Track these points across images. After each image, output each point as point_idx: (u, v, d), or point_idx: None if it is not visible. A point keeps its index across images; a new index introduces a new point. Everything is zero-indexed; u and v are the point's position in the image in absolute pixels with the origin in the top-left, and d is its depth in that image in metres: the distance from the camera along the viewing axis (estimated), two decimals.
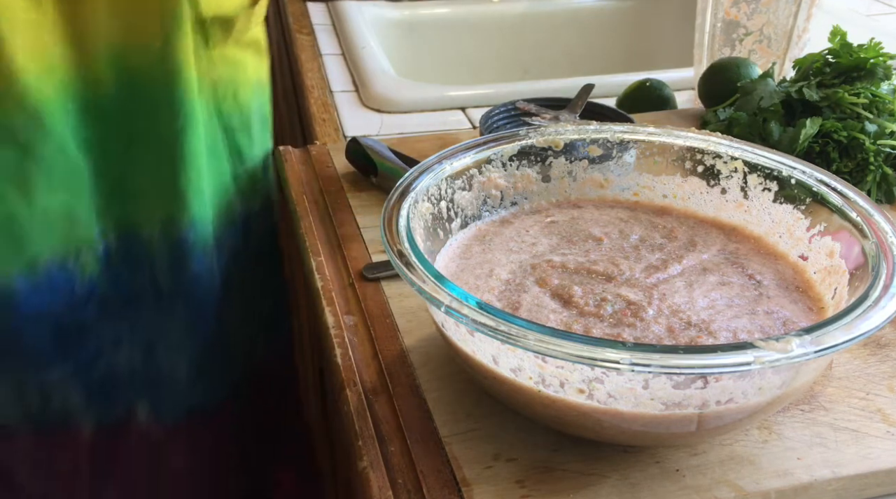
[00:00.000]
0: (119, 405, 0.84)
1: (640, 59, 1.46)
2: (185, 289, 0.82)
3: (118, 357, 0.82)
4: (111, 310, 0.80)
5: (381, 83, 1.05)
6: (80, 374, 0.81)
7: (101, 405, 0.83)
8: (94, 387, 0.81)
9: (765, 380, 0.46)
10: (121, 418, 0.84)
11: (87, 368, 0.81)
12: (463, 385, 0.56)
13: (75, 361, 0.80)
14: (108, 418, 0.84)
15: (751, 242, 0.61)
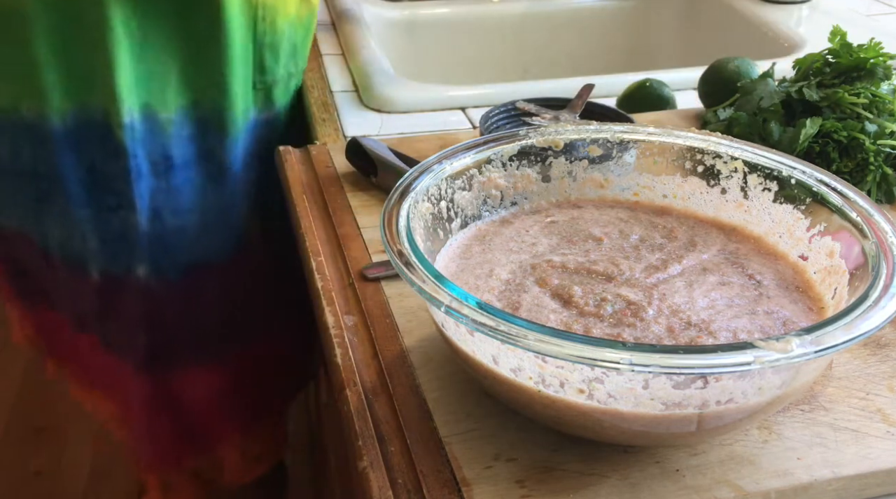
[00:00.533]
0: (122, 260, 0.94)
1: (640, 59, 1.46)
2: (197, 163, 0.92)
3: (131, 216, 0.91)
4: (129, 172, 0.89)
5: (381, 83, 1.05)
6: (100, 221, 0.92)
7: (108, 256, 0.93)
8: (107, 237, 0.92)
9: (765, 380, 0.46)
10: (122, 272, 0.94)
11: (106, 218, 0.92)
12: (463, 385, 0.56)
13: (97, 208, 0.91)
14: (113, 268, 0.94)
15: (751, 242, 0.61)
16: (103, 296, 0.96)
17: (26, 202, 0.93)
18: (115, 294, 0.96)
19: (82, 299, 0.98)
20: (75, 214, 0.92)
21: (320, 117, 1.00)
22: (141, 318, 0.98)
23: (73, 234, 0.93)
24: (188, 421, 1.07)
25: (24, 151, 0.89)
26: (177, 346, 1.01)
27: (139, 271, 0.95)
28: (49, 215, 0.93)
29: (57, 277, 0.97)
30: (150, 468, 1.09)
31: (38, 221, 0.94)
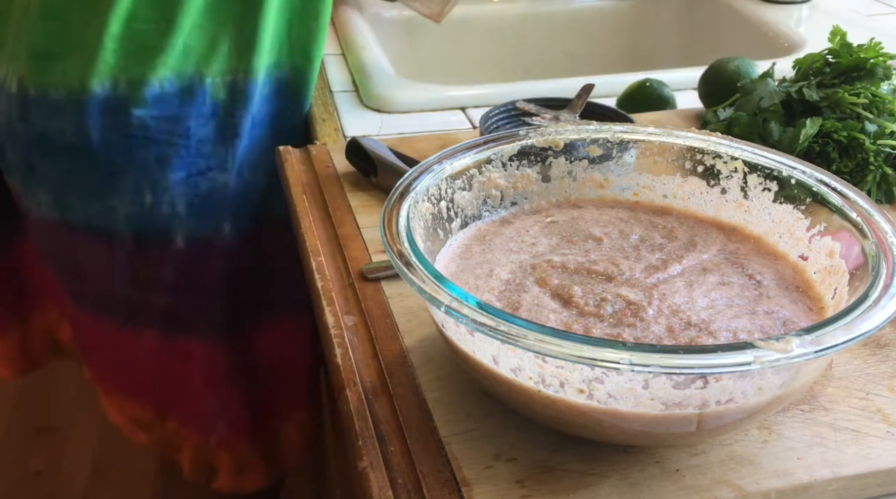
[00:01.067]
0: (209, 223, 0.97)
1: (640, 59, 1.46)
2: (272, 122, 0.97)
3: (220, 176, 0.95)
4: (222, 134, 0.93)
5: (381, 83, 1.05)
6: (189, 185, 0.94)
7: (196, 220, 0.96)
8: (195, 201, 0.95)
9: (765, 380, 0.46)
10: (209, 233, 0.97)
11: (196, 182, 0.94)
12: (463, 385, 0.56)
13: (188, 172, 0.93)
14: (199, 233, 0.97)
15: (751, 242, 0.61)
16: (183, 265, 0.98)
17: (86, 182, 0.93)
18: (197, 260, 0.98)
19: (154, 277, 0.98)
20: (163, 181, 0.93)
21: (320, 117, 1.00)
22: (222, 280, 1.00)
23: (156, 203, 0.94)
24: (260, 391, 1.07)
25: (94, 125, 0.90)
26: (250, 306, 1.03)
27: (225, 228, 0.97)
28: (119, 192, 0.93)
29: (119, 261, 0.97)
30: (222, 445, 1.08)
31: (102, 200, 0.94)
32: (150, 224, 0.95)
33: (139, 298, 1.00)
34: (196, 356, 1.03)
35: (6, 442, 1.89)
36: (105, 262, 0.98)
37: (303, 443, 1.13)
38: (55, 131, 0.91)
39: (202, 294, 1.00)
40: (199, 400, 1.06)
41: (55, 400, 2.01)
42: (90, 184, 0.93)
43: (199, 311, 1.01)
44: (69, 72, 0.89)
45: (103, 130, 0.90)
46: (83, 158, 0.92)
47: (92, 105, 0.89)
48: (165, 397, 1.07)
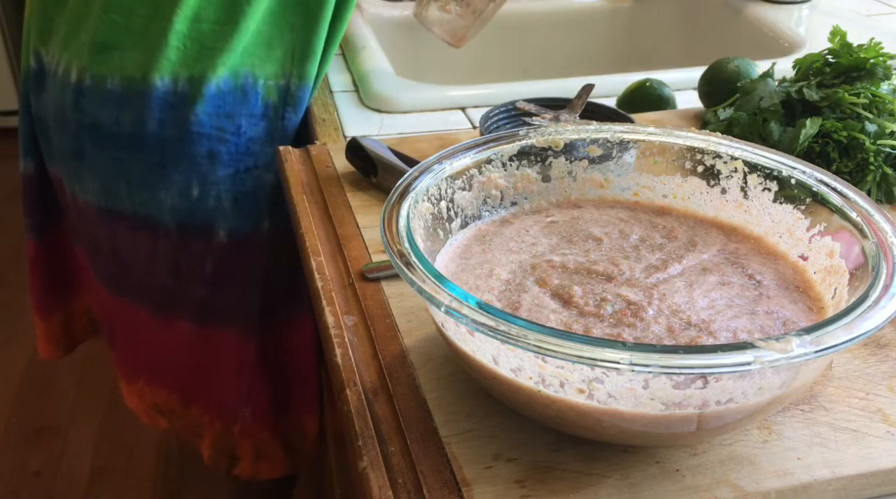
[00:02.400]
0: (251, 218, 0.99)
1: (640, 59, 1.46)
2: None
3: (265, 175, 0.98)
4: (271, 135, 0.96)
5: (381, 83, 1.05)
6: (235, 182, 0.96)
7: (239, 215, 0.99)
8: (239, 197, 0.97)
9: (765, 380, 0.46)
10: (249, 230, 1.00)
11: (242, 179, 0.97)
12: (463, 385, 0.56)
13: (237, 166, 0.96)
14: (241, 227, 0.99)
15: (751, 242, 0.61)
16: (223, 258, 1.01)
17: (138, 172, 0.96)
18: (237, 253, 1.01)
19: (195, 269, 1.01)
20: (212, 176, 0.96)
21: (320, 117, 1.00)
22: (258, 275, 1.03)
23: (202, 197, 0.97)
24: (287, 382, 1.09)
25: (150, 117, 0.93)
26: (284, 300, 1.06)
27: (265, 225, 1.00)
28: (168, 184, 0.96)
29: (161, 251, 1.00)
30: (245, 433, 1.10)
31: (151, 191, 0.97)
32: (194, 217, 0.98)
33: (176, 288, 1.03)
34: (227, 346, 1.06)
35: (6, 442, 1.89)
36: (146, 251, 1.01)
37: (318, 434, 1.15)
38: (110, 121, 0.94)
39: (239, 286, 1.03)
40: (226, 388, 1.09)
41: (55, 400, 2.01)
42: (140, 174, 0.96)
43: (234, 302, 1.04)
44: (129, 64, 0.92)
45: (161, 123, 0.93)
46: (136, 148, 0.95)
47: (152, 98, 0.92)
48: (192, 384, 1.10)
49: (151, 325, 1.07)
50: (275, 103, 0.95)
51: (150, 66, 0.91)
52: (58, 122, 0.98)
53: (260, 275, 1.03)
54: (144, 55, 0.91)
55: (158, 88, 0.91)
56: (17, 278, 2.41)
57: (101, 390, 2.02)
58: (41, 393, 2.02)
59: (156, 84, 0.91)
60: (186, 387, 1.11)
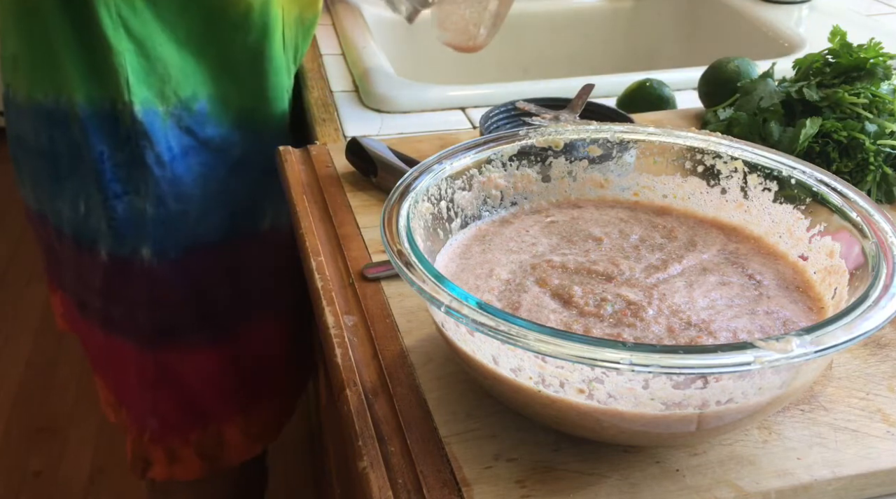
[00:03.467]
0: (128, 242, 0.99)
1: (640, 59, 1.46)
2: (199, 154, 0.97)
3: (137, 201, 0.97)
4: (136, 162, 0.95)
5: (381, 83, 1.05)
6: (108, 206, 0.96)
7: (116, 237, 0.98)
8: (114, 221, 0.97)
9: (765, 380, 0.46)
10: (128, 253, 0.99)
11: (113, 204, 0.96)
12: (463, 385, 0.56)
13: (106, 193, 0.96)
14: (120, 250, 0.99)
15: (751, 242, 0.61)
16: (109, 276, 1.01)
17: (45, 181, 0.99)
18: (120, 274, 1.00)
19: (90, 279, 1.02)
20: (91, 197, 0.96)
21: (320, 117, 1.00)
22: (145, 297, 1.02)
23: (87, 214, 0.98)
24: (191, 398, 1.10)
25: (43, 133, 0.95)
26: (179, 325, 1.05)
27: (143, 253, 0.99)
28: (63, 196, 0.98)
29: (68, 257, 1.02)
30: (154, 440, 1.12)
31: (53, 201, 0.99)
32: (81, 232, 0.99)
33: (83, 294, 1.05)
34: (128, 358, 1.07)
35: (6, 442, 1.89)
36: (61, 256, 1.04)
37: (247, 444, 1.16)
38: (24, 132, 0.98)
39: (128, 305, 1.03)
40: (134, 397, 1.10)
41: (55, 400, 2.01)
42: (48, 184, 0.99)
43: (126, 317, 1.04)
44: (28, 80, 0.95)
45: (51, 139, 0.95)
46: (41, 159, 0.98)
47: (38, 115, 0.95)
48: (114, 387, 1.13)
49: (81, 325, 1.09)
50: (133, 129, 0.93)
51: (34, 85, 0.94)
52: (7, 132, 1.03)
53: (147, 297, 1.03)
54: (35, 73, 0.94)
55: (43, 105, 0.94)
56: (17, 278, 2.41)
57: None
58: (41, 393, 2.02)
59: (39, 100, 0.94)
60: (113, 388, 1.13)
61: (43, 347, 2.16)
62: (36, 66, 0.93)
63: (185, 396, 1.09)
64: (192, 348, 1.07)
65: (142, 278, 1.00)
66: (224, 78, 0.95)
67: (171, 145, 0.95)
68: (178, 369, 1.07)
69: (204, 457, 1.14)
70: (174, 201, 0.97)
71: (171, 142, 0.95)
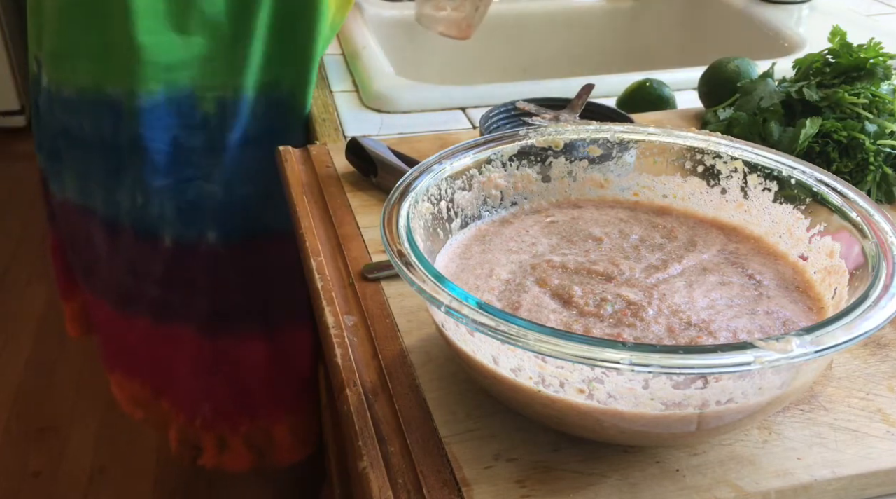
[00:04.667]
0: (195, 227, 1.01)
1: (640, 59, 1.46)
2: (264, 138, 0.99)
3: (206, 186, 0.99)
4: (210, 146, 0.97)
5: (381, 83, 1.05)
6: (176, 191, 0.98)
7: (182, 224, 1.00)
8: (183, 206, 0.99)
9: (765, 380, 0.46)
10: (194, 239, 1.02)
11: (183, 189, 0.98)
12: (463, 385, 0.56)
13: (176, 178, 0.98)
14: (186, 235, 1.01)
15: (751, 242, 0.61)
16: (172, 262, 1.02)
17: (99, 174, 1.00)
18: (183, 260, 1.02)
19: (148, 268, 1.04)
20: (155, 183, 0.98)
21: (320, 117, 1.00)
22: (206, 282, 1.03)
23: (146, 204, 0.99)
24: (243, 386, 1.12)
25: (105, 124, 0.96)
26: (235, 311, 1.07)
27: (209, 237, 1.02)
28: (123, 186, 0.99)
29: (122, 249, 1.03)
30: (206, 426, 1.13)
31: (109, 192, 1.00)
32: (143, 221, 1.00)
33: (134, 286, 1.06)
34: (183, 344, 1.08)
35: (6, 442, 1.89)
36: (110, 249, 1.04)
37: (294, 444, 1.18)
38: (75, 125, 0.98)
39: (189, 290, 1.05)
40: (186, 384, 1.11)
41: (55, 400, 2.01)
42: (103, 176, 1.00)
43: (185, 304, 1.06)
44: (81, 74, 0.95)
45: (114, 130, 0.96)
46: (97, 152, 0.98)
47: (103, 107, 0.95)
48: (157, 377, 1.14)
49: (117, 320, 1.10)
50: (213, 115, 0.96)
51: (100, 77, 0.94)
52: (41, 124, 1.04)
53: (209, 282, 1.05)
54: (94, 65, 0.94)
55: (110, 96, 0.94)
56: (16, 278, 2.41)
57: (101, 390, 2.02)
58: (41, 393, 2.02)
59: (107, 93, 0.94)
60: (153, 379, 1.14)
61: (43, 347, 2.16)
62: (101, 58, 0.93)
63: (238, 383, 1.11)
64: (245, 336, 1.08)
65: (205, 263, 1.03)
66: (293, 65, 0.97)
67: (245, 130, 0.97)
68: (232, 356, 1.09)
69: (253, 450, 1.15)
70: (241, 185, 1.00)
71: (246, 127, 0.97)
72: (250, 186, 1.01)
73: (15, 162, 3.03)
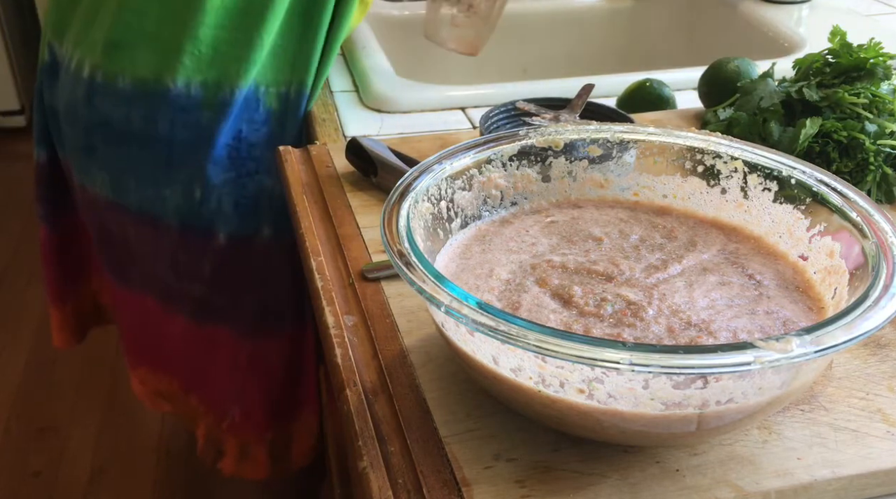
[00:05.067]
0: (252, 223, 1.00)
1: (640, 59, 1.46)
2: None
3: (266, 180, 0.99)
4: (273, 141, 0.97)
5: (381, 83, 1.05)
6: (237, 186, 0.98)
7: (240, 218, 1.00)
8: (241, 201, 0.99)
9: (765, 380, 0.46)
10: (251, 233, 1.01)
11: (244, 183, 0.98)
12: (463, 385, 0.56)
13: (238, 171, 0.97)
14: (241, 231, 1.01)
15: (751, 242, 0.61)
16: (222, 259, 1.02)
17: (147, 169, 0.98)
18: (236, 257, 1.02)
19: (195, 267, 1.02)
20: (214, 179, 0.97)
21: (320, 117, 1.00)
22: (257, 279, 1.04)
23: (203, 199, 0.98)
24: (277, 389, 1.11)
25: (160, 117, 0.94)
26: (276, 310, 1.07)
27: (265, 232, 1.02)
28: (175, 182, 0.97)
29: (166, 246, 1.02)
30: (232, 430, 1.13)
31: (158, 189, 0.98)
32: (196, 217, 0.99)
33: (176, 284, 1.05)
34: (222, 345, 1.07)
35: (6, 442, 1.89)
36: (150, 245, 1.03)
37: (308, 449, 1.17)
38: (120, 118, 0.95)
39: (236, 289, 1.04)
40: (219, 384, 1.11)
41: (55, 400, 2.01)
42: (148, 171, 0.98)
43: (230, 304, 1.05)
44: (140, 64, 0.93)
45: (172, 123, 0.94)
46: (146, 146, 0.96)
47: (165, 100, 0.93)
48: (190, 374, 1.13)
49: (154, 315, 1.09)
50: (276, 110, 0.96)
51: (164, 69, 0.92)
52: (69, 115, 1.00)
53: (258, 280, 1.04)
54: (157, 57, 0.92)
55: (171, 91, 0.93)
56: (16, 278, 2.41)
57: (101, 390, 2.02)
58: (41, 393, 2.02)
59: (168, 86, 0.93)
60: (185, 376, 1.13)
61: (43, 347, 2.16)
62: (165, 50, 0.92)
63: (272, 385, 1.10)
64: (286, 335, 1.08)
65: (257, 259, 1.02)
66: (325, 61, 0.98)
67: (299, 124, 0.98)
68: (268, 356, 1.09)
69: (273, 458, 1.15)
70: None
71: (298, 121, 0.98)
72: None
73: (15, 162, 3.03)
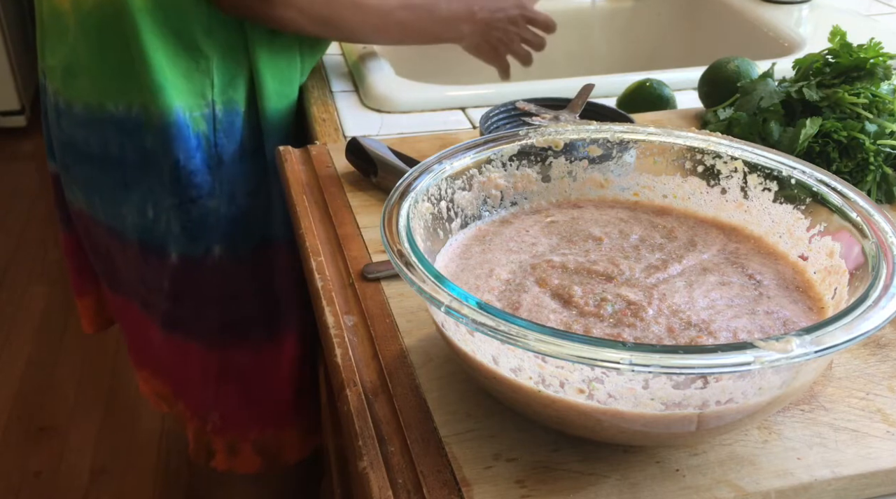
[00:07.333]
0: (201, 242, 1.02)
1: (640, 59, 1.46)
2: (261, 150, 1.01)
3: (210, 202, 1.00)
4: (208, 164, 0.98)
5: (381, 83, 1.05)
6: (182, 210, 0.99)
7: (188, 240, 1.01)
8: (188, 224, 1.00)
9: (765, 380, 0.46)
10: (201, 254, 1.02)
11: (187, 208, 0.99)
12: (463, 385, 0.56)
13: (181, 197, 0.98)
14: (190, 251, 1.02)
15: (751, 242, 0.61)
16: (178, 277, 1.03)
17: (107, 189, 1.01)
18: (191, 274, 1.03)
19: (155, 282, 1.05)
20: (162, 202, 0.99)
21: (320, 117, 1.00)
22: (215, 294, 1.05)
23: (156, 219, 1.00)
24: (252, 394, 1.13)
25: (112, 142, 0.97)
26: (244, 321, 1.08)
27: (216, 251, 1.02)
28: (129, 203, 1.00)
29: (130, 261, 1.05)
30: (216, 432, 1.15)
31: (116, 207, 1.01)
32: (150, 235, 1.01)
33: (147, 296, 1.07)
34: (192, 354, 1.09)
35: (6, 442, 1.89)
36: (121, 258, 1.06)
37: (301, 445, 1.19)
38: (81, 140, 0.99)
39: (196, 304, 1.06)
40: (196, 391, 1.13)
41: (55, 400, 2.01)
42: (108, 190, 1.01)
43: (193, 317, 1.07)
44: (86, 90, 0.96)
45: (121, 146, 0.97)
46: (104, 167, 0.99)
47: (112, 123, 0.96)
48: (175, 380, 1.15)
49: (141, 321, 1.11)
50: (205, 133, 0.97)
51: (102, 95, 0.96)
52: (52, 137, 1.05)
53: (216, 295, 1.05)
54: (100, 83, 0.96)
55: (114, 114, 0.96)
56: (16, 278, 2.41)
57: (101, 390, 2.02)
58: (41, 393, 2.02)
59: (111, 111, 0.96)
60: (172, 381, 1.16)
61: (43, 347, 2.16)
62: (106, 76, 0.95)
63: (247, 392, 1.12)
64: (255, 345, 1.10)
65: (213, 276, 1.03)
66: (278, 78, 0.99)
67: (244, 144, 0.99)
68: (241, 366, 1.10)
69: (262, 454, 1.17)
70: (245, 198, 1.01)
71: (244, 141, 0.99)
72: (254, 197, 1.02)
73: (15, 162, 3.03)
